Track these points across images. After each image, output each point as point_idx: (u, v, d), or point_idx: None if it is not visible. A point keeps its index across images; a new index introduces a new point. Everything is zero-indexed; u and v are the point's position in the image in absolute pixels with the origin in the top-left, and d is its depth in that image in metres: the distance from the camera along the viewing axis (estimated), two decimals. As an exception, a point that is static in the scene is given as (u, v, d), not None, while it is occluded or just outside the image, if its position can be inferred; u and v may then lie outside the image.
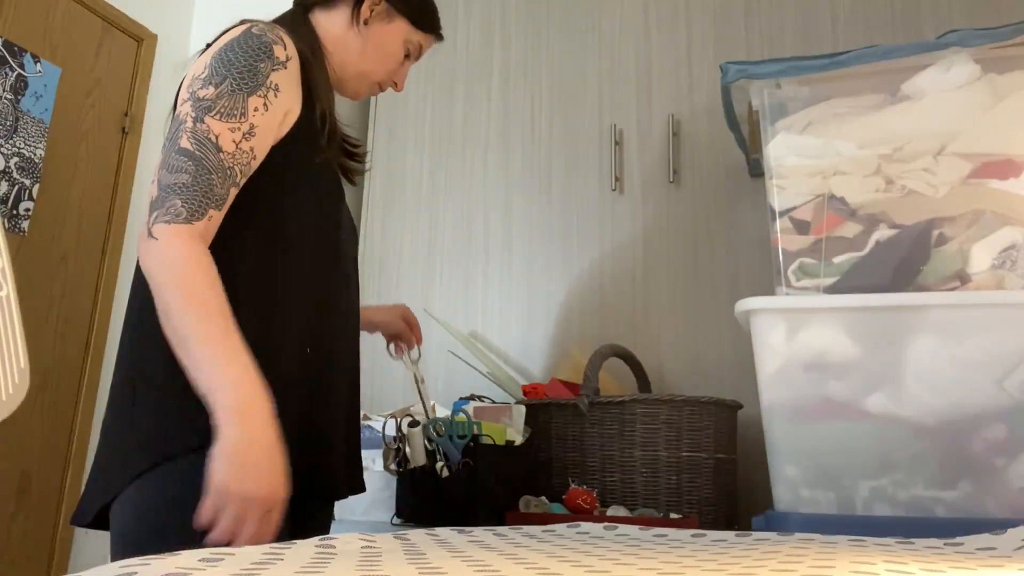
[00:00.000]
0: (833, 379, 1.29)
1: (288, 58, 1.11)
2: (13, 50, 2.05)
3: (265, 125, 1.06)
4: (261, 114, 1.05)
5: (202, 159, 0.99)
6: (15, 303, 1.04)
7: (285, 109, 1.10)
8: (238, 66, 1.06)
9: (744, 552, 0.62)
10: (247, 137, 1.04)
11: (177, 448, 0.95)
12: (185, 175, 0.98)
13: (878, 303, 1.28)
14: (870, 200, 1.40)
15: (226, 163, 1.01)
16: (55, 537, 2.11)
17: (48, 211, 2.13)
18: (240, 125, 1.03)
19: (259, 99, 1.05)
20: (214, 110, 1.02)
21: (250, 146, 1.04)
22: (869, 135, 1.43)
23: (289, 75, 1.10)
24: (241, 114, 1.03)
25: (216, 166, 1.00)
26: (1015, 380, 1.20)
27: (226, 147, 1.01)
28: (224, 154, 1.01)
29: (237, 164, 1.03)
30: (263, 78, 1.06)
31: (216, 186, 1.00)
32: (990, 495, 1.20)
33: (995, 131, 1.36)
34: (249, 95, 1.05)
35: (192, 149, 1.00)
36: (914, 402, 1.24)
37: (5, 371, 1.01)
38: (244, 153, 1.03)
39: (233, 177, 1.02)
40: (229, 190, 1.02)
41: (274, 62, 1.08)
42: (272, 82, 1.07)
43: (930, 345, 1.25)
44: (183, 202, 0.97)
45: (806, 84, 1.49)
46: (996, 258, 1.30)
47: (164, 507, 0.93)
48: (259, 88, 1.06)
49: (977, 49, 1.37)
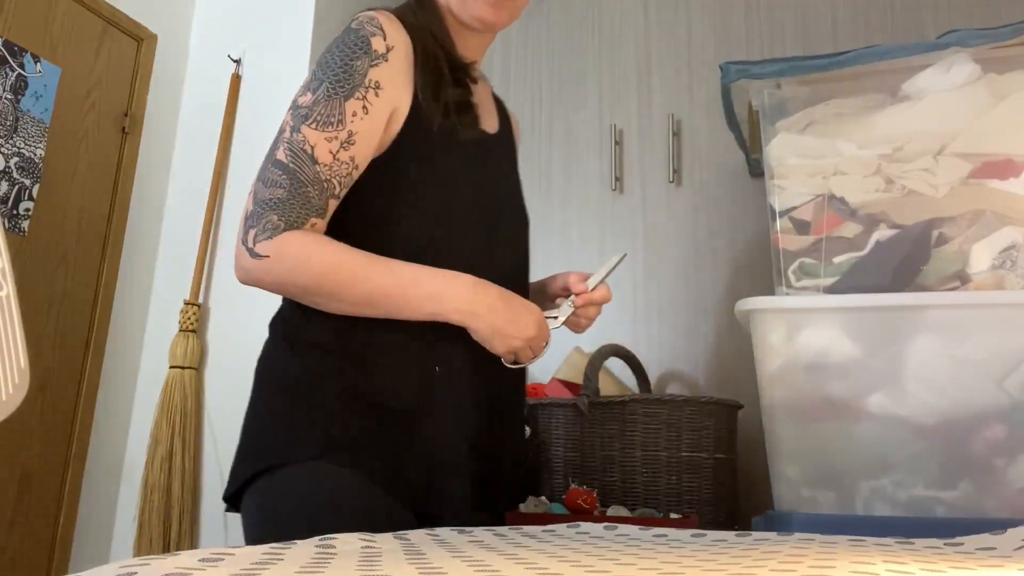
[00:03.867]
0: (833, 379, 1.29)
1: (390, 48, 1.01)
2: (13, 50, 2.05)
3: (366, 131, 0.98)
4: (360, 119, 0.97)
5: (296, 172, 0.95)
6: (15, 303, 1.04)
7: (391, 107, 1.01)
8: (334, 68, 0.99)
9: (744, 552, 0.62)
10: (345, 146, 0.97)
11: (298, 454, 0.96)
12: (280, 189, 0.94)
13: (878, 303, 1.28)
14: (870, 200, 1.40)
15: (322, 175, 0.96)
16: (55, 537, 2.11)
17: (48, 211, 2.13)
18: (338, 133, 0.96)
19: (357, 102, 0.98)
20: (311, 118, 0.97)
21: (350, 155, 0.97)
22: (869, 135, 1.43)
23: (392, 68, 1.01)
24: (339, 121, 0.96)
25: (312, 179, 0.95)
26: (1015, 380, 1.20)
27: (322, 158, 0.96)
28: (320, 166, 0.95)
29: (335, 176, 0.97)
30: (360, 77, 0.98)
31: (313, 198, 0.95)
32: (990, 495, 1.20)
33: (995, 131, 1.36)
34: (347, 99, 0.97)
35: (287, 161, 0.95)
36: (914, 402, 1.24)
37: (5, 371, 1.02)
38: (343, 164, 0.97)
39: (331, 189, 0.97)
40: (327, 202, 0.97)
41: (372, 57, 0.99)
42: (372, 80, 0.99)
43: (930, 345, 1.25)
44: (279, 216, 0.94)
45: (806, 84, 1.48)
46: (996, 258, 1.30)
47: (283, 509, 0.95)
48: (357, 89, 0.98)
49: (977, 49, 1.37)
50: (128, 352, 2.35)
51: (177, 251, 2.41)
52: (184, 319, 2.28)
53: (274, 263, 0.94)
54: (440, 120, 1.04)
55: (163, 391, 2.23)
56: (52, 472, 2.11)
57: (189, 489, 2.17)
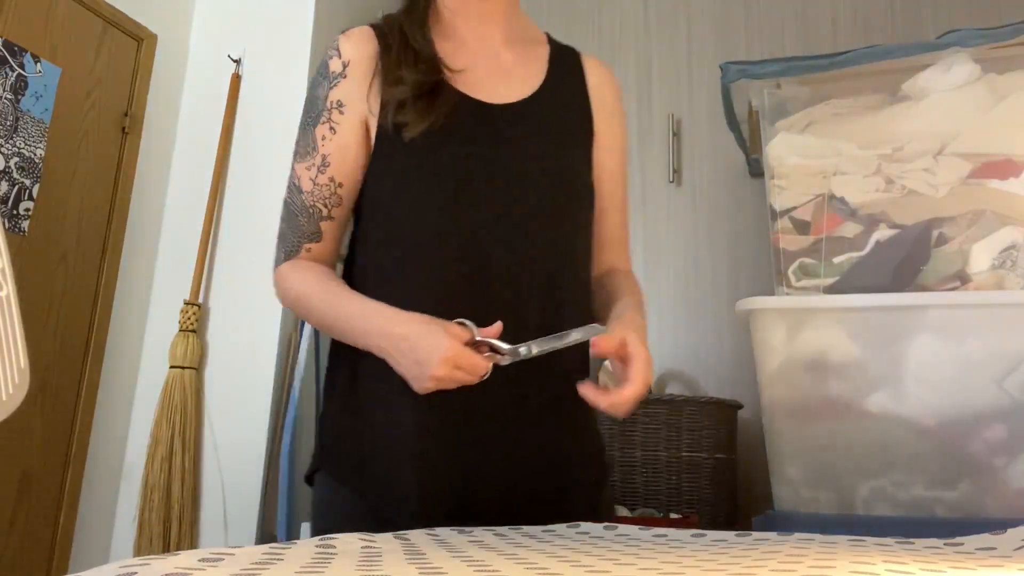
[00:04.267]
0: (833, 379, 1.29)
1: (347, 63, 1.03)
2: (13, 50, 2.05)
3: (338, 148, 1.01)
4: (329, 140, 1.02)
5: (289, 204, 1.04)
6: (15, 303, 1.04)
7: (360, 119, 1.02)
8: (306, 102, 1.05)
9: (744, 552, 0.62)
10: (322, 169, 1.02)
11: (326, 463, 1.03)
12: (283, 223, 1.05)
13: (878, 303, 1.28)
14: (870, 200, 1.40)
15: (307, 202, 1.02)
16: (55, 537, 2.11)
17: (48, 211, 2.13)
18: (314, 160, 1.02)
19: (324, 126, 1.02)
20: (296, 154, 1.05)
21: (328, 177, 1.02)
22: (869, 135, 1.43)
23: (352, 82, 1.02)
24: (313, 149, 1.02)
25: (300, 208, 1.03)
26: (1015, 380, 1.20)
27: (305, 187, 1.02)
28: (305, 194, 1.02)
29: (319, 200, 1.02)
30: (323, 102, 1.03)
31: (304, 225, 1.03)
32: (990, 495, 1.20)
33: (995, 131, 1.36)
34: (314, 126, 1.03)
35: (286, 197, 1.05)
36: (914, 402, 1.24)
37: (5, 371, 1.01)
38: (323, 187, 1.02)
39: (319, 213, 1.02)
40: (318, 224, 1.03)
41: (331, 79, 1.03)
42: (333, 101, 1.02)
43: (930, 345, 1.25)
44: (281, 246, 1.05)
45: (806, 84, 1.49)
46: (996, 258, 1.30)
47: (321, 507, 1.03)
48: (321, 115, 1.02)
49: (977, 49, 1.37)
50: (128, 352, 2.34)
51: (177, 251, 2.41)
52: (184, 319, 2.28)
53: (278, 291, 1.06)
54: (383, 122, 1.01)
55: (163, 391, 2.23)
56: (52, 472, 2.11)
57: (189, 489, 2.17)
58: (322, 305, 0.99)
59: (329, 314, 0.99)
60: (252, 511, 2.16)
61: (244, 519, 2.17)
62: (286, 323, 2.26)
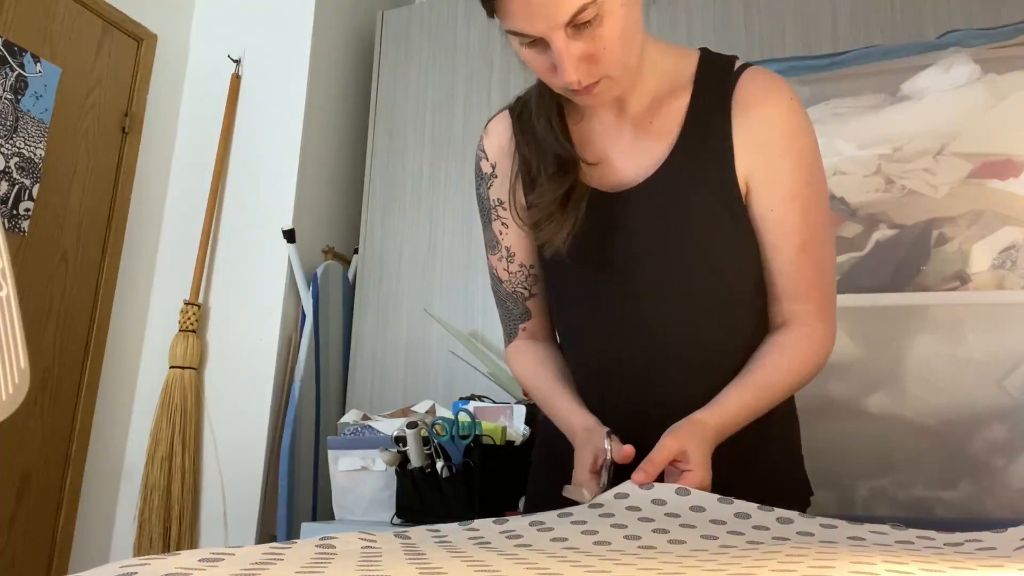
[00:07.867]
0: (833, 379, 1.29)
1: (494, 164, 1.09)
2: (13, 50, 2.05)
3: (516, 239, 1.08)
4: (506, 234, 1.09)
5: (496, 293, 1.14)
6: (15, 303, 1.04)
7: None
8: (477, 198, 1.13)
9: (744, 552, 0.62)
10: (510, 259, 1.10)
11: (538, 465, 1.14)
12: (498, 308, 1.15)
13: (878, 303, 1.28)
14: (870, 200, 1.40)
15: (508, 289, 1.11)
16: (55, 537, 2.11)
17: (48, 211, 2.13)
18: (501, 252, 1.10)
19: (496, 223, 1.09)
20: (487, 247, 1.13)
21: (518, 265, 1.09)
22: (869, 135, 1.43)
23: (502, 180, 1.08)
24: (496, 243, 1.10)
25: (505, 295, 1.12)
26: (1015, 380, 1.20)
27: (502, 276, 1.11)
28: (504, 283, 1.11)
29: (517, 285, 1.11)
30: (487, 202, 1.10)
31: (512, 309, 1.12)
32: (990, 495, 1.20)
33: (995, 131, 1.36)
34: (490, 223, 1.10)
35: (492, 287, 1.14)
36: (914, 402, 1.24)
37: (5, 371, 1.01)
38: (516, 273, 1.10)
39: (520, 296, 1.11)
40: (524, 305, 1.11)
41: (486, 180, 1.10)
42: (494, 200, 1.09)
43: (930, 345, 1.25)
44: (504, 329, 1.15)
45: (806, 84, 1.49)
46: (996, 258, 1.30)
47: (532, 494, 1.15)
48: (490, 214, 1.10)
49: (977, 49, 1.37)
50: (128, 352, 2.35)
51: (177, 251, 2.41)
52: (184, 319, 2.28)
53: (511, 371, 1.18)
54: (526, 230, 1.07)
55: (163, 391, 2.23)
56: (52, 472, 2.11)
57: (189, 489, 2.17)
58: (536, 394, 1.10)
59: (540, 403, 1.10)
60: (252, 511, 2.16)
61: (244, 519, 2.17)
62: (286, 323, 2.26)
